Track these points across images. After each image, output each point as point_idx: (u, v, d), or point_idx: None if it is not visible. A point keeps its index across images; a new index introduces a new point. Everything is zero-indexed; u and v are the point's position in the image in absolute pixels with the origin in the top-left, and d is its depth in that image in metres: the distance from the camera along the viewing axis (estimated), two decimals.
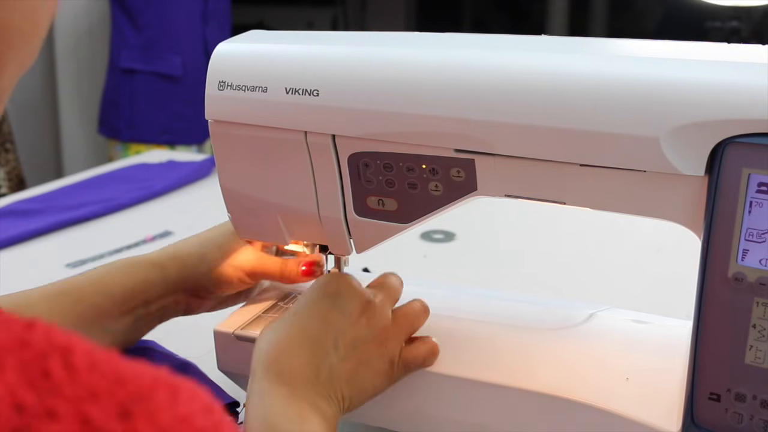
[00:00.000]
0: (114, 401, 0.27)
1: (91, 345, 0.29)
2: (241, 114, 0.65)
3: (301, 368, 0.59)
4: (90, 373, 0.28)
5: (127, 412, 0.27)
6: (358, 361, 0.62)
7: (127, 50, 2.42)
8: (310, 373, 0.60)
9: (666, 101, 0.53)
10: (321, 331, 0.62)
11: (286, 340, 0.61)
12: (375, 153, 0.63)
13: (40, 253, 1.16)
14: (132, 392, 0.28)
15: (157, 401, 0.28)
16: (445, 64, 0.59)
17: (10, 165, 2.35)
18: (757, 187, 0.51)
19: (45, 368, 0.27)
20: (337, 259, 0.74)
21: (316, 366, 0.60)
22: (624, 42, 0.63)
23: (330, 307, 0.63)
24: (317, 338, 0.61)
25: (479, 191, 0.62)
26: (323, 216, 0.68)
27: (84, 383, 0.27)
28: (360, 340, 0.63)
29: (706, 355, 0.55)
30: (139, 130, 2.44)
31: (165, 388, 0.29)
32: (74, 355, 0.28)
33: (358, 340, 0.63)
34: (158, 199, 1.40)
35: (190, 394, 0.29)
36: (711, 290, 0.54)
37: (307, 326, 0.62)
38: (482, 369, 0.66)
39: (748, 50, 0.57)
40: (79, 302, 0.68)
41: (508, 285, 1.02)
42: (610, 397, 0.62)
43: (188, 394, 0.29)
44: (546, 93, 0.56)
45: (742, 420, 0.55)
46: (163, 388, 0.29)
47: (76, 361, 0.28)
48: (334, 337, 0.62)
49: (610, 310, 0.74)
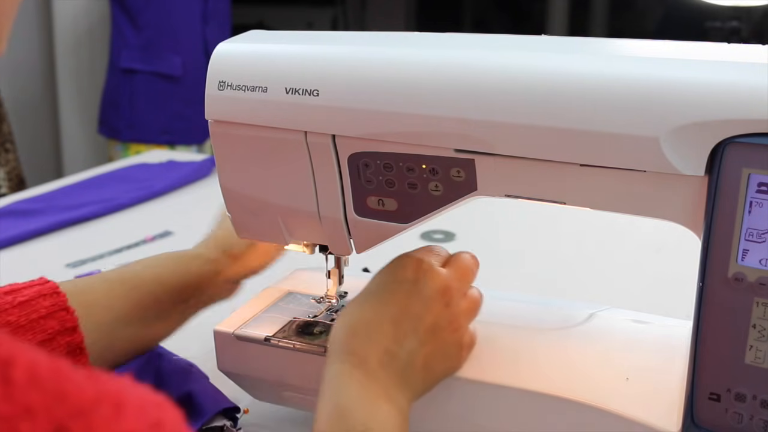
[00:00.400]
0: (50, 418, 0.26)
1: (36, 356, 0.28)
2: (241, 114, 0.65)
3: (378, 354, 0.59)
4: (28, 388, 0.27)
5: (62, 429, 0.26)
6: (434, 348, 0.62)
7: (127, 50, 2.42)
8: (387, 359, 0.59)
9: (666, 101, 0.53)
10: (400, 317, 0.61)
11: (363, 324, 0.61)
12: (375, 153, 0.63)
13: (40, 253, 1.16)
14: (72, 409, 0.27)
15: (97, 418, 0.27)
16: (445, 64, 0.59)
17: (10, 165, 2.35)
18: (757, 187, 0.51)
19: None
20: (337, 259, 0.74)
21: (393, 352, 0.59)
22: (624, 42, 0.63)
23: (409, 291, 0.62)
24: (396, 323, 0.61)
25: (479, 191, 0.62)
26: (323, 216, 0.68)
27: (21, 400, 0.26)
28: (438, 326, 0.62)
29: (706, 355, 0.55)
30: (139, 130, 2.44)
31: (108, 403, 0.28)
32: (14, 369, 0.27)
33: (436, 327, 0.62)
34: (158, 199, 1.40)
35: (137, 410, 0.28)
36: (711, 290, 0.54)
37: (386, 311, 0.61)
38: (482, 369, 0.66)
39: (748, 50, 0.57)
40: (136, 288, 0.71)
41: (508, 285, 1.02)
42: (610, 397, 0.61)
43: (135, 410, 0.28)
44: (546, 93, 0.56)
45: (742, 420, 0.55)
46: (107, 403, 0.28)
47: (15, 375, 0.27)
48: (413, 323, 0.61)
49: (610, 310, 0.74)
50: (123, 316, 0.70)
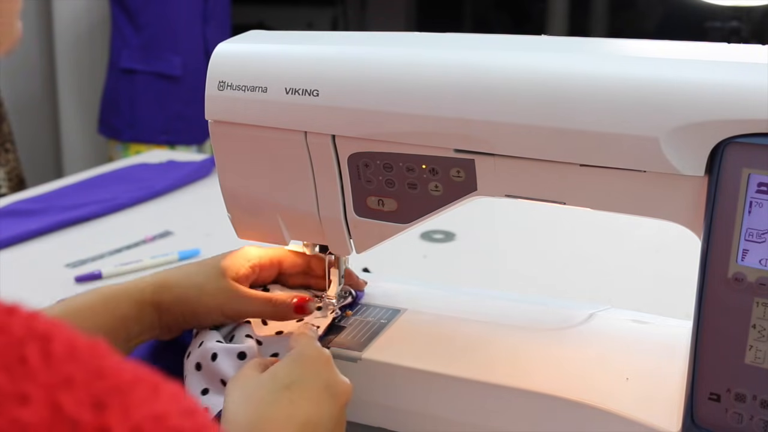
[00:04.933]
0: (89, 391, 0.27)
1: (75, 334, 0.29)
2: (241, 114, 0.65)
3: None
4: (68, 361, 0.27)
5: (101, 404, 0.27)
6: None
7: (127, 50, 2.42)
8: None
9: (666, 101, 0.53)
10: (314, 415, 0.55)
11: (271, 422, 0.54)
12: (375, 153, 0.63)
13: (40, 253, 1.16)
14: (110, 385, 0.27)
15: (134, 396, 0.28)
16: (445, 65, 0.59)
17: (10, 165, 2.35)
18: (757, 187, 0.51)
19: (22, 354, 0.27)
20: (337, 259, 0.74)
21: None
22: (624, 42, 0.63)
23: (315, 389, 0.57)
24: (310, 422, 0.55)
25: (479, 191, 0.62)
26: (323, 216, 0.68)
27: (60, 371, 0.27)
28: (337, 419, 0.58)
29: (706, 355, 0.55)
30: (139, 130, 2.44)
31: (146, 385, 0.28)
32: (53, 343, 0.28)
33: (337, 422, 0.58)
34: (158, 199, 1.40)
35: (172, 395, 0.29)
36: (711, 290, 0.54)
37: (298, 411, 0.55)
38: (482, 369, 0.66)
39: (748, 50, 0.57)
40: None
41: (508, 285, 1.02)
42: (609, 397, 0.61)
43: (170, 395, 0.29)
44: (546, 93, 0.56)
45: (742, 420, 0.55)
46: (144, 384, 0.28)
47: (55, 348, 0.28)
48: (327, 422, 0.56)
49: (610, 310, 0.74)
50: None
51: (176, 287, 0.67)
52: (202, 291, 0.67)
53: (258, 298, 0.68)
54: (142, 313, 0.67)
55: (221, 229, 0.85)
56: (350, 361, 0.67)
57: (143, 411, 0.27)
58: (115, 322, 0.66)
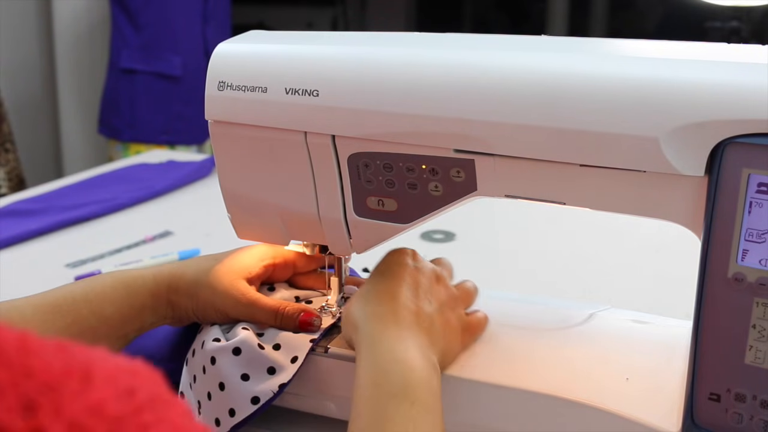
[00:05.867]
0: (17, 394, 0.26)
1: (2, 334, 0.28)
2: (241, 114, 0.65)
3: (407, 313, 0.62)
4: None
5: (31, 406, 0.26)
6: (445, 320, 0.65)
7: (127, 50, 2.42)
8: (415, 318, 0.62)
9: (666, 101, 0.53)
10: (414, 286, 0.65)
11: (384, 293, 0.64)
12: (375, 153, 0.63)
13: (40, 253, 1.16)
14: (39, 383, 0.26)
15: (65, 391, 0.27)
16: (444, 65, 0.59)
17: (10, 165, 2.35)
18: (757, 187, 0.51)
19: None
20: (338, 259, 0.74)
21: (418, 313, 0.63)
22: (624, 42, 0.63)
23: (413, 269, 0.67)
24: (412, 290, 0.65)
25: (479, 191, 0.62)
26: (323, 216, 0.68)
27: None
28: (442, 302, 0.66)
29: (706, 355, 0.55)
30: (139, 130, 2.44)
31: (76, 375, 0.27)
32: None
33: (441, 302, 0.66)
34: (158, 199, 1.40)
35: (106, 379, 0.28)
36: (711, 290, 0.54)
37: (400, 282, 0.65)
38: (482, 369, 0.66)
39: (748, 50, 0.57)
40: (74, 324, 0.66)
41: (508, 285, 1.02)
42: (610, 397, 0.61)
43: (104, 380, 0.28)
44: (546, 93, 0.56)
45: (742, 420, 0.55)
46: (74, 376, 0.27)
47: None
48: (425, 292, 0.65)
49: (610, 310, 0.74)
50: None
51: (191, 285, 0.70)
52: (215, 293, 0.69)
53: (265, 308, 0.69)
54: (158, 304, 0.70)
55: (221, 229, 0.85)
56: (350, 361, 0.67)
57: (76, 405, 0.26)
58: (132, 311, 0.69)
